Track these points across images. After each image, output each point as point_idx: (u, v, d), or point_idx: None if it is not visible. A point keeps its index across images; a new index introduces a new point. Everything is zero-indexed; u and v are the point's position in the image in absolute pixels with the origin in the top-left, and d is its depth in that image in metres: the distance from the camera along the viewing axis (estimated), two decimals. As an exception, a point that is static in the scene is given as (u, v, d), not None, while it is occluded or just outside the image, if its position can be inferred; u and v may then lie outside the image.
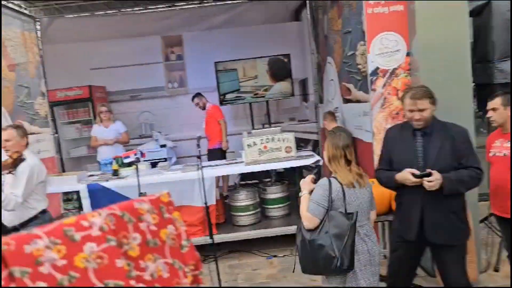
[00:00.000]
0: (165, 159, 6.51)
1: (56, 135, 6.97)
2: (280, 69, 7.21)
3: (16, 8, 6.48)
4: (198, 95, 6.52)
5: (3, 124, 4.60)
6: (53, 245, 1.35)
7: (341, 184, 2.45)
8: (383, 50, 3.94)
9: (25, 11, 6.79)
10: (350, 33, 4.86)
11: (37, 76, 7.08)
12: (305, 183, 2.64)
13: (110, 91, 7.65)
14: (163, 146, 6.96)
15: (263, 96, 7.31)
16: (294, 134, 5.03)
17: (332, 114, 5.33)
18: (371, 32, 3.95)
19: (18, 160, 3.45)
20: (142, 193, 3.82)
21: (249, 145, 4.91)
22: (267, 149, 4.91)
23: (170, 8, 7.22)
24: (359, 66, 4.64)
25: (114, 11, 7.48)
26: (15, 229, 3.48)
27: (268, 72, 7.22)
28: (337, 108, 5.69)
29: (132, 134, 7.11)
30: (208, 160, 5.99)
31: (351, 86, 5.03)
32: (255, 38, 7.42)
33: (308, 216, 2.45)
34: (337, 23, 5.38)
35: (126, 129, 6.17)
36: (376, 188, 2.83)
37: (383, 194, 3.41)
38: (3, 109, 5.80)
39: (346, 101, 5.28)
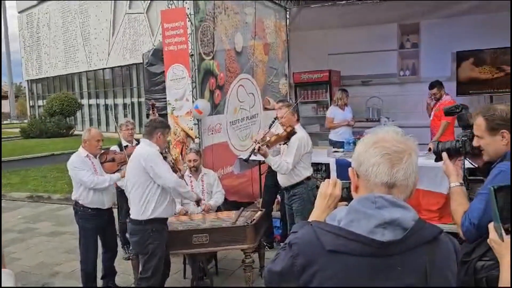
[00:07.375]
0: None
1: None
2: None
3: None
4: (439, 84, 6.15)
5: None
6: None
7: None
8: None
9: (279, 2, 7.84)
10: None
11: (283, 60, 8.14)
12: None
13: (344, 75, 8.20)
14: (390, 131, 7.19)
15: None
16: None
17: None
18: None
19: (291, 133, 4.14)
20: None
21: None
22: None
23: (411, -4, 7.24)
24: None
25: (355, 0, 7.95)
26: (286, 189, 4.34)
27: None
28: None
29: (360, 118, 7.60)
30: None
31: None
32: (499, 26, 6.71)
33: None
34: None
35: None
36: None
37: None
38: (257, 86, 6.96)
39: None
